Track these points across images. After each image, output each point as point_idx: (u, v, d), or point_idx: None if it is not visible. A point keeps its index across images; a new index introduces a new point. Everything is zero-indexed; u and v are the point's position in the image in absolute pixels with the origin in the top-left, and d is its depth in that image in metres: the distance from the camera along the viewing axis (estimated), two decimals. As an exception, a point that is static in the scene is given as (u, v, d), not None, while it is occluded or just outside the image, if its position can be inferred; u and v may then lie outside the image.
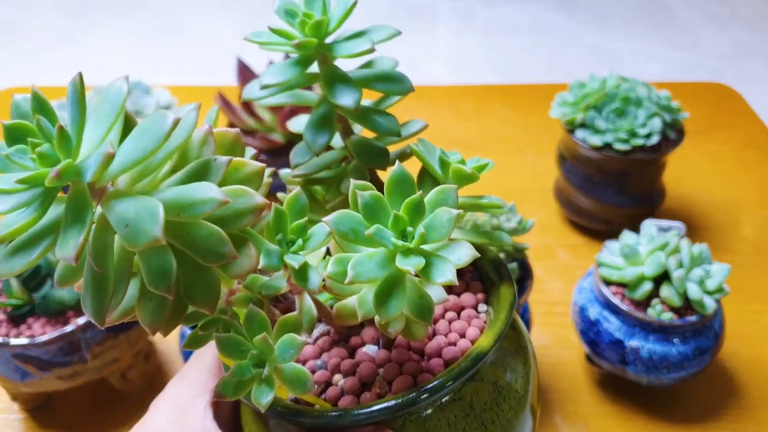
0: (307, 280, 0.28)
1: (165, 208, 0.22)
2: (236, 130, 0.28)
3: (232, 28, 1.98)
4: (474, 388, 0.31)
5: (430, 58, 1.86)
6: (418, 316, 0.27)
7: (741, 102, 1.14)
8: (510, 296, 0.32)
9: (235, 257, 0.24)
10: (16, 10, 2.13)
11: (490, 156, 1.15)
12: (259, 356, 0.27)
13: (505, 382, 0.32)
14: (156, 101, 0.85)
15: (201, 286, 0.25)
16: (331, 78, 0.32)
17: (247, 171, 0.26)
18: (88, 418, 0.66)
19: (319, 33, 0.31)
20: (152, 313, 0.25)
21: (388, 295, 0.26)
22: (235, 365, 0.27)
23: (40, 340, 0.57)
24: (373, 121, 0.33)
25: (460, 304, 0.33)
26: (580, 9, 2.10)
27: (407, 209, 0.27)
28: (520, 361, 0.33)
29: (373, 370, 0.31)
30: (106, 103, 0.24)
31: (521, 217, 0.62)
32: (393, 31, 0.32)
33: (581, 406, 0.67)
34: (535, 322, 0.74)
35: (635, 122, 0.78)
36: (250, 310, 0.27)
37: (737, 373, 0.70)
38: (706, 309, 0.60)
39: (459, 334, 0.32)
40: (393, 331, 0.28)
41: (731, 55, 1.86)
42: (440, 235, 0.26)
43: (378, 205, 0.27)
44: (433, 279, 0.26)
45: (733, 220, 0.90)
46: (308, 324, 0.31)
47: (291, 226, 0.28)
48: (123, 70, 1.66)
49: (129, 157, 0.23)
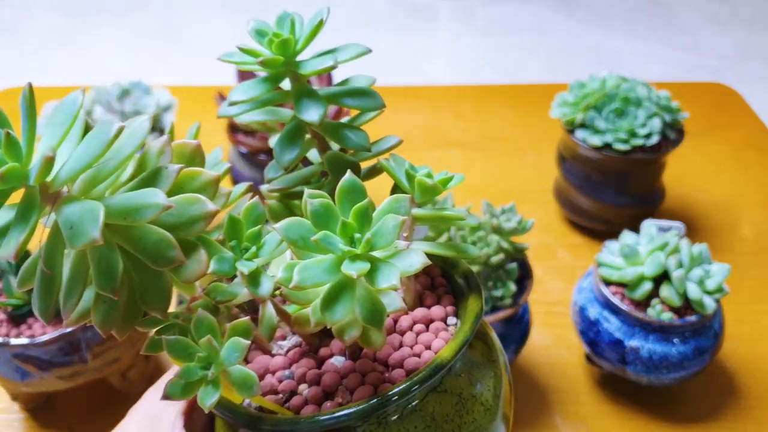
0: (258, 286, 0.29)
1: (112, 213, 0.24)
2: (197, 142, 0.30)
3: (232, 28, 1.98)
4: (437, 400, 0.31)
5: (430, 58, 1.86)
6: (368, 322, 0.28)
7: (741, 102, 1.14)
8: (476, 308, 0.32)
9: (183, 261, 0.25)
10: (16, 10, 2.13)
11: (490, 156, 1.15)
12: (206, 359, 0.27)
13: (470, 394, 0.32)
14: (156, 101, 0.85)
15: (154, 290, 0.26)
16: (299, 94, 0.33)
17: (203, 180, 0.27)
18: (88, 417, 0.66)
19: (286, 51, 0.32)
20: (103, 315, 0.26)
21: (334, 300, 0.27)
22: (183, 367, 0.27)
23: (40, 340, 0.57)
24: (343, 136, 0.34)
25: (429, 317, 0.34)
26: (580, 9, 2.10)
27: (355, 216, 0.27)
28: (489, 374, 0.33)
29: (336, 380, 0.31)
30: (61, 114, 0.25)
31: (521, 217, 0.62)
32: (363, 49, 0.34)
33: (581, 406, 0.67)
34: (535, 322, 0.74)
35: (635, 122, 0.78)
36: (198, 315, 0.28)
37: (737, 373, 0.70)
38: (705, 309, 0.60)
39: (425, 346, 0.32)
40: (348, 338, 0.29)
41: (731, 55, 1.86)
42: (387, 240, 0.27)
43: (327, 212, 0.28)
44: (378, 284, 0.27)
45: (732, 220, 0.90)
46: (267, 331, 0.32)
47: (246, 234, 0.29)
48: (123, 70, 1.67)
49: (78, 163, 0.24)
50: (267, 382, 0.33)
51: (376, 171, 0.38)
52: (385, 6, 2.13)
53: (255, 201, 0.30)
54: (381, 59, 1.84)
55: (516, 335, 0.63)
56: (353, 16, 2.07)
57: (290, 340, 0.35)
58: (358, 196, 0.28)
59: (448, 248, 0.33)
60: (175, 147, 0.29)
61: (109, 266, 0.25)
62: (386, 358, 0.32)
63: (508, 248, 0.61)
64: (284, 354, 0.34)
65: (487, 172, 1.00)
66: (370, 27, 2.02)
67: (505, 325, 0.62)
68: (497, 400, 0.33)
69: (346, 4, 2.13)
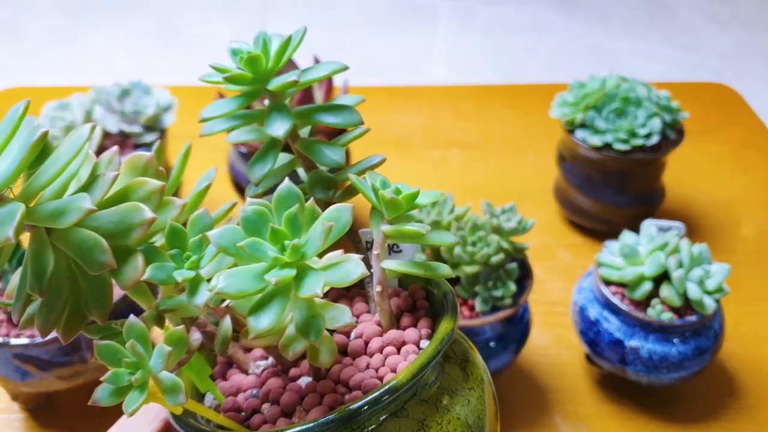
0: (195, 294, 0.29)
1: (43, 215, 0.25)
2: (149, 154, 0.31)
3: (232, 29, 1.98)
4: (395, 425, 0.30)
5: (430, 58, 1.86)
6: (303, 333, 0.27)
7: (741, 102, 1.14)
8: (444, 330, 0.32)
9: (112, 266, 0.26)
10: (16, 10, 2.13)
11: (490, 156, 1.15)
12: (134, 365, 0.27)
13: (434, 421, 0.31)
14: (156, 101, 0.85)
15: (94, 295, 0.27)
16: (270, 110, 0.34)
17: (147, 189, 0.28)
18: (88, 418, 0.66)
19: (257, 68, 0.33)
20: (44, 318, 0.27)
21: (261, 308, 0.27)
22: (111, 372, 0.27)
23: (40, 340, 0.57)
24: (319, 152, 0.35)
25: (402, 339, 0.33)
26: (580, 9, 2.10)
27: (287, 223, 0.27)
28: (462, 401, 0.32)
29: (295, 400, 0.31)
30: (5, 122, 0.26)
31: (521, 217, 0.62)
32: (338, 66, 0.34)
33: (581, 406, 0.67)
34: (535, 322, 0.74)
35: (635, 122, 0.78)
36: (129, 321, 0.28)
37: (737, 373, 0.70)
38: (705, 309, 0.60)
39: (391, 369, 0.32)
40: (291, 353, 0.28)
41: (731, 55, 1.86)
42: (315, 247, 0.27)
43: (260, 219, 0.28)
44: (300, 292, 0.27)
45: (732, 220, 0.90)
46: (221, 344, 0.32)
47: (190, 242, 0.30)
48: (123, 70, 1.67)
49: (8, 169, 0.25)
50: (231, 400, 0.33)
51: (353, 189, 0.37)
52: (385, 6, 2.13)
53: (203, 211, 0.31)
54: (381, 59, 1.84)
55: (516, 335, 0.63)
56: (353, 16, 2.07)
57: (269, 360, 0.35)
58: (293, 203, 0.28)
59: (416, 266, 0.32)
60: (130, 159, 0.31)
61: (40, 267, 0.26)
62: (347, 380, 0.32)
63: (508, 248, 0.61)
64: (259, 374, 0.34)
65: (487, 172, 1.00)
66: (370, 27, 2.02)
67: (505, 325, 0.62)
68: (468, 429, 0.32)
69: (346, 4, 2.13)
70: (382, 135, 1.08)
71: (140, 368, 0.27)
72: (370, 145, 1.04)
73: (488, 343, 0.61)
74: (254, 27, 1.99)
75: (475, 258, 0.60)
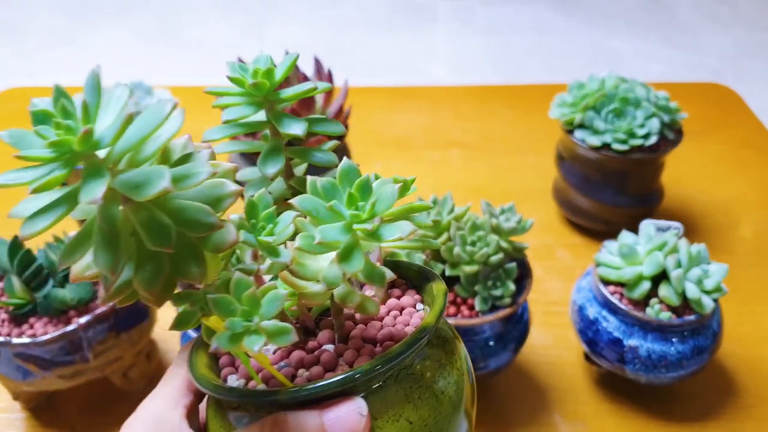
0: (278, 254, 0.33)
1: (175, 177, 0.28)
2: (207, 145, 0.34)
3: (232, 29, 1.98)
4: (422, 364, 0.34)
5: (430, 58, 1.86)
6: (370, 280, 0.32)
7: (740, 102, 1.15)
8: (441, 288, 0.36)
9: (221, 226, 0.29)
10: (16, 10, 2.13)
11: (490, 156, 1.15)
12: (248, 312, 0.31)
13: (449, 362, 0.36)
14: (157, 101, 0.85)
15: (190, 259, 0.29)
16: (278, 117, 0.38)
17: (224, 168, 0.32)
18: (89, 417, 0.66)
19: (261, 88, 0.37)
20: (149, 278, 0.29)
21: (350, 255, 0.32)
22: (228, 321, 0.30)
23: (41, 339, 0.57)
24: (311, 156, 0.39)
25: (401, 305, 0.38)
26: (580, 9, 2.10)
27: (358, 188, 0.32)
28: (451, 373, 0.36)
29: (334, 358, 0.34)
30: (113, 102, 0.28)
31: (521, 216, 0.63)
32: (324, 86, 0.38)
33: (580, 405, 0.67)
34: (534, 322, 0.74)
35: (634, 122, 0.79)
36: (237, 276, 0.32)
37: (735, 373, 0.70)
38: (704, 308, 0.60)
39: (404, 324, 0.36)
40: (352, 304, 0.32)
41: (731, 55, 1.86)
42: (388, 204, 0.32)
43: (334, 187, 0.33)
44: (385, 237, 0.31)
45: (731, 221, 0.90)
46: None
47: (261, 215, 0.34)
48: (123, 70, 1.67)
49: (130, 140, 0.27)
50: (267, 372, 0.34)
51: None
52: (385, 6, 2.13)
53: (264, 191, 0.35)
54: (381, 59, 1.85)
55: (515, 334, 0.63)
56: (353, 16, 2.07)
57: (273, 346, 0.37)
58: (355, 175, 0.33)
59: (413, 240, 0.37)
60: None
61: (160, 225, 0.28)
62: (373, 337, 0.35)
63: (507, 248, 0.61)
64: (273, 353, 0.36)
65: (487, 172, 1.00)
66: (370, 27, 2.02)
67: (505, 324, 0.62)
68: (461, 393, 0.35)
69: (346, 4, 2.13)
70: (382, 135, 1.08)
71: (253, 315, 0.31)
72: (370, 145, 1.05)
73: (488, 342, 0.62)
74: (254, 27, 1.99)
75: (474, 257, 0.60)
